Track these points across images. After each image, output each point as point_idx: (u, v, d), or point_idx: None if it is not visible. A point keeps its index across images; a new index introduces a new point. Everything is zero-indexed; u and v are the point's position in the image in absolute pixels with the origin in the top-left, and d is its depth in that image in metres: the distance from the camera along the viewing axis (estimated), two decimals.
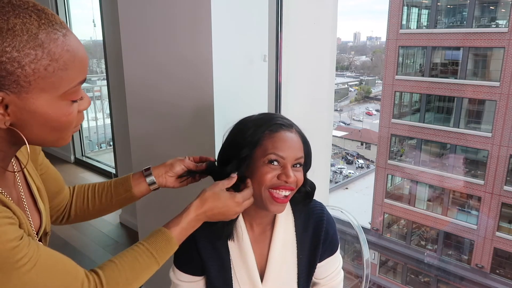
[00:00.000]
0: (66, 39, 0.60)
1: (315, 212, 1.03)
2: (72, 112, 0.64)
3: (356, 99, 24.61)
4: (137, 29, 1.69)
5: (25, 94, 0.57)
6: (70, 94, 0.62)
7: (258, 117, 0.96)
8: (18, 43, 0.55)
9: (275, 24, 1.56)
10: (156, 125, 1.70)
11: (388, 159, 13.56)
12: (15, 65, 0.55)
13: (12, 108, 0.58)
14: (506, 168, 11.30)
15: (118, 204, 0.98)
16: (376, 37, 30.75)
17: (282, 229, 1.00)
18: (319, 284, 1.09)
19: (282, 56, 1.59)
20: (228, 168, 0.92)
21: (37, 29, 0.56)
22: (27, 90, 0.57)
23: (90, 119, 4.71)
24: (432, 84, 12.69)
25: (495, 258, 11.68)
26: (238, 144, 0.92)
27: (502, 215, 11.62)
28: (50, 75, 0.58)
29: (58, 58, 0.58)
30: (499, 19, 11.54)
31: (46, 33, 0.57)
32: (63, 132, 0.65)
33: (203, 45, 1.38)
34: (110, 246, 2.79)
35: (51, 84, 0.59)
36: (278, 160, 0.89)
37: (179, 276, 1.02)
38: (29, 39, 0.55)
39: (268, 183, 0.89)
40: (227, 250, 0.99)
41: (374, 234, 13.40)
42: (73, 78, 0.62)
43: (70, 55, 0.60)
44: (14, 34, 0.54)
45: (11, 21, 0.55)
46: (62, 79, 0.60)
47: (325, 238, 1.02)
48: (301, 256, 1.01)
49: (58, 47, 0.58)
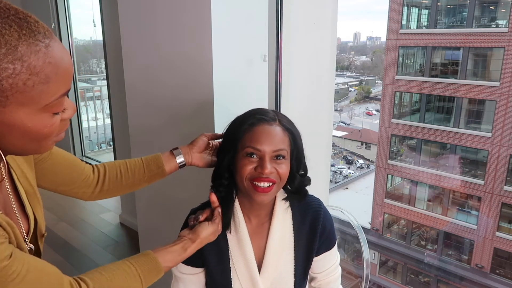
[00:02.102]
0: (48, 50, 0.56)
1: (312, 206, 1.05)
2: (53, 123, 0.61)
3: (356, 99, 24.62)
4: (137, 29, 1.69)
5: (2, 108, 0.54)
6: (52, 106, 0.59)
7: (245, 113, 1.01)
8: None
9: (275, 24, 1.56)
10: (156, 125, 1.70)
11: (388, 159, 13.56)
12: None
13: None
14: (506, 168, 11.31)
15: (149, 179, 1.05)
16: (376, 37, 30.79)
17: (279, 221, 1.02)
18: (317, 278, 1.11)
19: (282, 56, 1.59)
20: (219, 159, 1.02)
21: (16, 41, 0.53)
22: (4, 104, 0.54)
23: (90, 119, 4.71)
24: (432, 84, 12.69)
25: (495, 258, 11.69)
26: (226, 138, 1.01)
27: (502, 215, 11.62)
28: (29, 89, 0.54)
29: (38, 71, 0.55)
30: (499, 19, 11.54)
31: (27, 44, 0.54)
32: (43, 142, 0.62)
33: (203, 45, 1.38)
34: (110, 246, 2.79)
35: (30, 98, 0.55)
36: (255, 153, 0.93)
37: (180, 269, 1.04)
38: (7, 52, 0.52)
39: (248, 175, 0.93)
40: (226, 242, 1.02)
41: (374, 234, 13.40)
42: (55, 90, 0.58)
43: (53, 67, 0.56)
44: None
45: None
46: (43, 92, 0.56)
47: (322, 232, 1.04)
48: (298, 249, 1.04)
49: (39, 59, 0.55)
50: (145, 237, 2.07)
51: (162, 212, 1.85)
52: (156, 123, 1.70)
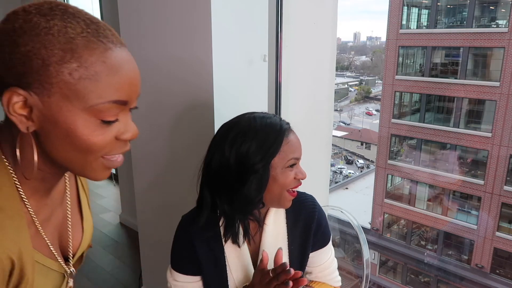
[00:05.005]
0: (108, 52, 0.53)
1: (306, 204, 1.06)
2: (102, 134, 0.55)
3: (356, 99, 24.63)
4: (137, 29, 1.69)
5: (47, 98, 0.52)
6: (98, 111, 0.54)
7: (262, 127, 0.93)
8: (49, 42, 0.50)
9: (275, 24, 1.56)
10: (156, 125, 1.70)
11: (388, 159, 13.56)
12: (39, 62, 0.50)
13: (35, 112, 0.52)
14: (506, 168, 11.31)
15: None
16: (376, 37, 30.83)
17: (272, 221, 1.03)
18: (313, 272, 1.12)
19: (282, 56, 1.59)
20: (247, 188, 0.91)
21: (76, 35, 0.52)
22: (49, 93, 0.51)
23: None
24: (432, 84, 12.69)
25: (495, 258, 11.69)
26: (250, 158, 0.90)
27: (502, 215, 11.62)
28: (75, 82, 0.52)
29: (88, 65, 0.52)
30: (499, 19, 11.54)
31: (86, 40, 0.52)
32: (89, 156, 0.56)
33: (203, 45, 1.38)
34: (110, 246, 2.79)
35: (75, 92, 0.52)
36: (295, 162, 0.95)
37: (176, 277, 1.03)
38: (62, 40, 0.51)
39: (293, 185, 0.95)
40: (221, 249, 1.01)
41: (374, 234, 13.40)
42: (104, 93, 0.53)
43: (105, 68, 0.53)
44: (48, 33, 0.50)
45: (52, 22, 0.51)
46: (88, 90, 0.52)
47: (317, 230, 1.05)
48: (292, 247, 1.04)
49: (93, 56, 0.52)
50: (145, 237, 2.07)
51: (162, 212, 1.85)
52: (156, 122, 1.70)
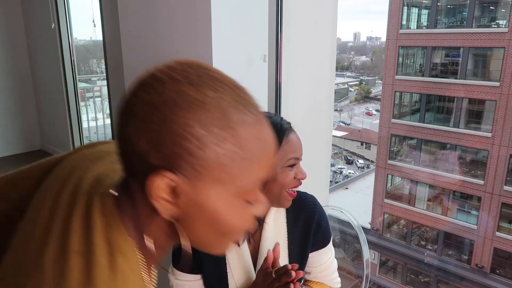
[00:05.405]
0: (257, 125, 0.48)
1: (306, 204, 1.06)
2: (246, 216, 0.51)
3: (356, 99, 24.65)
4: (137, 29, 1.69)
5: (197, 182, 0.46)
6: (246, 192, 0.49)
7: None
8: (206, 118, 0.44)
9: (275, 24, 1.56)
10: None
11: (388, 159, 13.57)
12: (195, 142, 0.44)
13: (183, 198, 0.46)
14: (506, 168, 11.32)
15: None
16: (376, 37, 30.86)
17: (272, 220, 1.03)
18: (312, 272, 1.12)
19: (282, 56, 1.59)
20: None
21: (228, 106, 0.46)
22: (201, 178, 0.46)
23: (90, 119, 4.71)
24: (432, 84, 12.70)
25: (495, 258, 11.70)
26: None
27: (502, 215, 11.63)
28: (230, 164, 0.46)
29: (243, 144, 0.46)
30: (499, 19, 11.56)
31: (238, 112, 0.47)
32: (227, 239, 0.52)
33: (203, 45, 1.38)
34: None
35: (229, 175, 0.47)
36: (296, 162, 0.94)
37: (178, 276, 1.04)
38: (217, 116, 0.45)
39: (292, 185, 0.93)
40: None
41: (374, 234, 13.41)
42: (255, 172, 0.49)
43: (259, 145, 0.48)
44: (203, 107, 0.45)
45: (203, 93, 0.46)
46: (242, 171, 0.47)
47: (317, 230, 1.04)
48: (292, 247, 1.04)
49: (248, 133, 0.47)
50: None
51: None
52: None
